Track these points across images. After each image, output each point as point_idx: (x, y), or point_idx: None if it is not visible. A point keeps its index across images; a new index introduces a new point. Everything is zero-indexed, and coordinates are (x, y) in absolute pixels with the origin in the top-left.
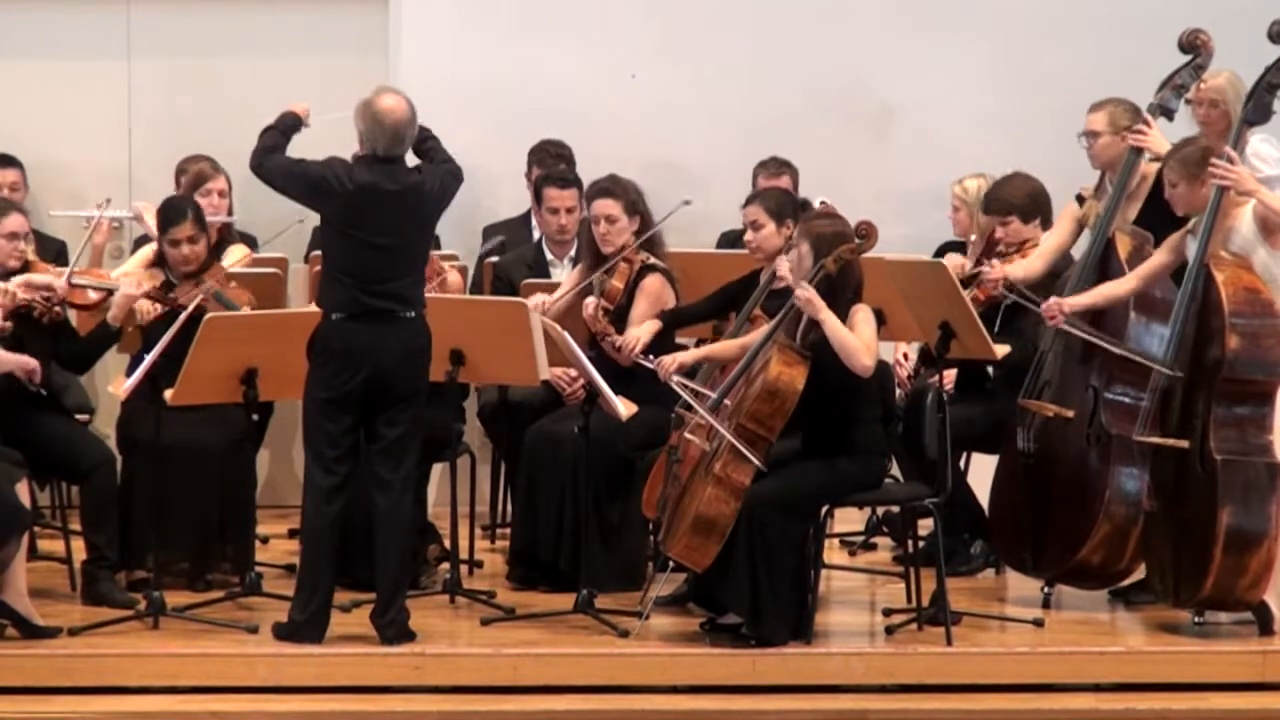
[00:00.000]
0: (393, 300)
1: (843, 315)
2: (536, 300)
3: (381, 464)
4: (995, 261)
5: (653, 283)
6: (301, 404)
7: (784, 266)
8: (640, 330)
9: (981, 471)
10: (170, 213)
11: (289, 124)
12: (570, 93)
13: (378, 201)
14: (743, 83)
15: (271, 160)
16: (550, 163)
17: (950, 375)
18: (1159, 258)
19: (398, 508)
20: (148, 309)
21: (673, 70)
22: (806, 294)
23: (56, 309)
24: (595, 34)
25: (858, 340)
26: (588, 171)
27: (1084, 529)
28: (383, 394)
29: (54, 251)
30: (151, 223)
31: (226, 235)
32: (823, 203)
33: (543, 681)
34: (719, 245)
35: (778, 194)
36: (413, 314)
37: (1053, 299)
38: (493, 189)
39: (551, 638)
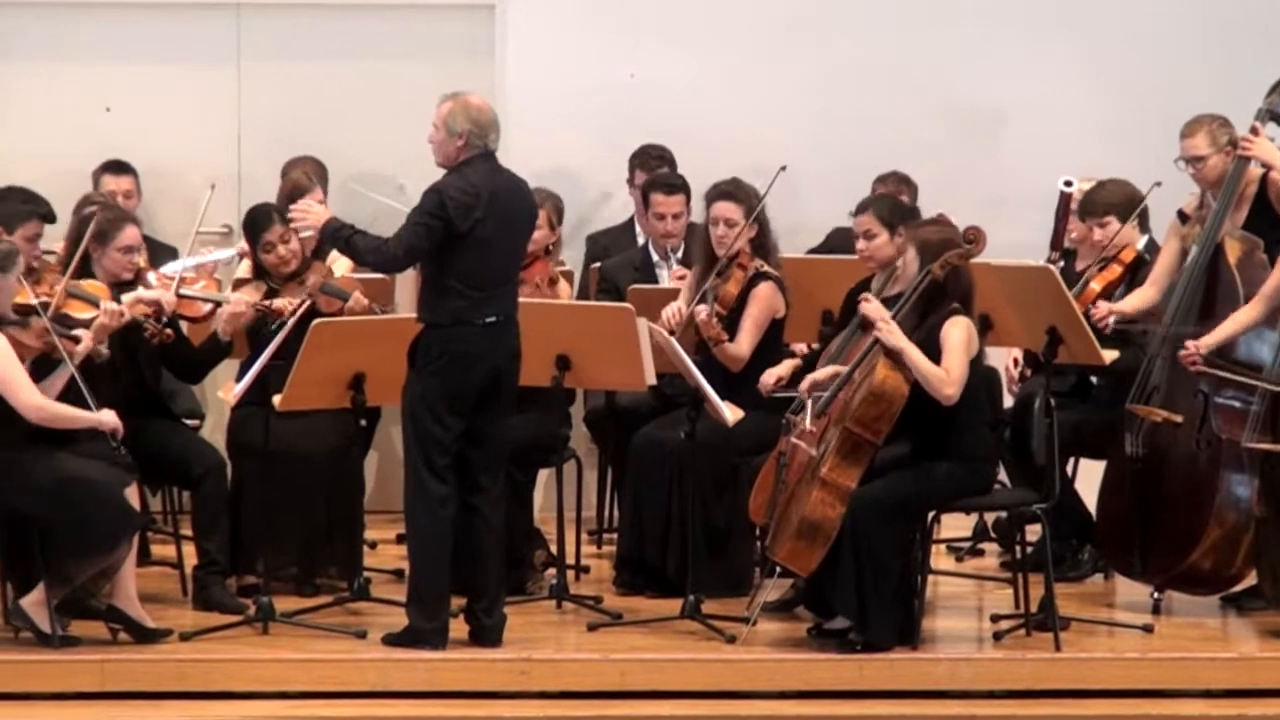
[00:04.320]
0: (502, 304)
1: (942, 323)
2: (671, 310)
3: (483, 470)
4: (1102, 303)
5: (765, 290)
6: (404, 413)
7: (870, 307)
8: (780, 369)
9: (1089, 477)
10: (258, 219)
11: (341, 227)
12: (675, 98)
13: (505, 200)
14: (849, 89)
15: (397, 244)
16: (653, 165)
17: None
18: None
19: (497, 510)
20: (283, 306)
21: (778, 76)
22: (888, 328)
23: (167, 331)
24: (701, 40)
25: (940, 370)
26: (693, 179)
27: (1194, 534)
28: (493, 397)
29: (164, 259)
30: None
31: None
32: (976, 231)
33: (649, 687)
34: (825, 241)
35: (890, 202)
36: (510, 316)
37: (1189, 343)
38: (597, 195)
39: (658, 643)
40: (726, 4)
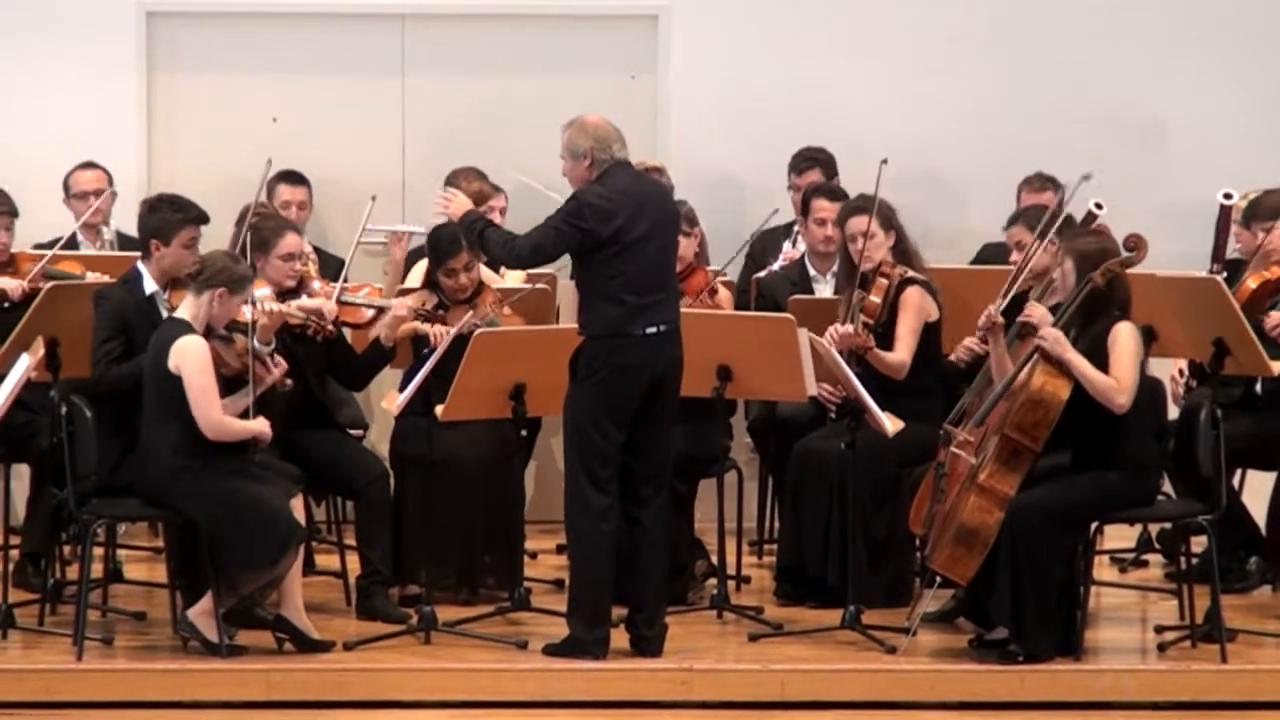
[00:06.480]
0: (661, 312)
1: (1107, 330)
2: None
3: (646, 481)
4: (1275, 314)
5: (913, 295)
6: (566, 425)
7: (1036, 313)
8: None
9: (1257, 488)
10: (444, 245)
11: (478, 219)
12: (836, 109)
13: (645, 202)
14: (1012, 100)
15: (525, 241)
16: (803, 167)
17: None
18: None
19: (660, 522)
20: (439, 331)
21: (941, 86)
22: (1053, 335)
23: (329, 327)
24: (861, 51)
25: (1109, 380)
26: (856, 187)
27: None
28: (656, 407)
29: (333, 269)
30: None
31: None
32: (1137, 239)
33: (810, 697)
34: (978, 258)
35: (1040, 213)
36: (671, 325)
37: None
38: (758, 204)
39: (819, 653)
40: (892, 13)
